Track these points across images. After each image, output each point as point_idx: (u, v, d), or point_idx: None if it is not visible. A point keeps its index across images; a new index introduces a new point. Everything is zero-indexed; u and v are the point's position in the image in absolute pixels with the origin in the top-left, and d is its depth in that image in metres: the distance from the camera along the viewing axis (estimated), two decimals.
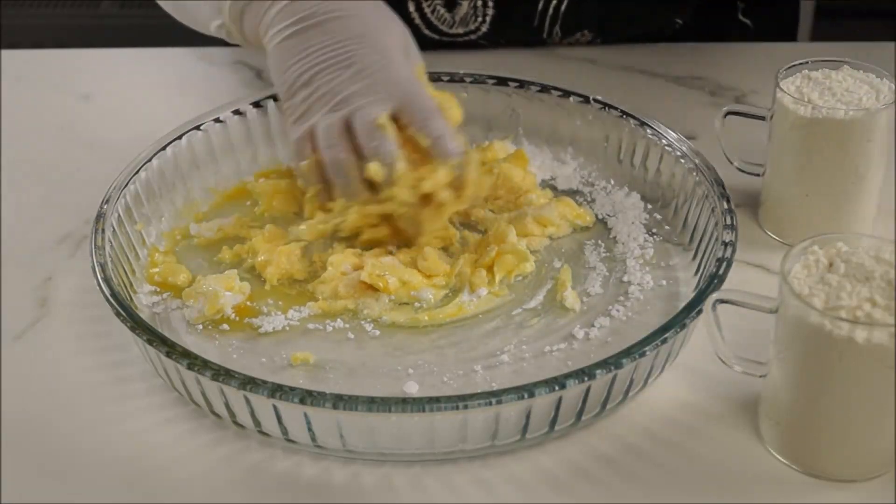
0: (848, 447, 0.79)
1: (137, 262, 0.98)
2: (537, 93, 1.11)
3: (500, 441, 0.82)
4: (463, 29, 1.26)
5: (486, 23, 1.26)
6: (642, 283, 0.96)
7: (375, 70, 0.97)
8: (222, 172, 1.08)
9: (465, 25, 1.26)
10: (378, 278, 0.94)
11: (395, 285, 0.95)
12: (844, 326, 0.74)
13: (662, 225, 1.03)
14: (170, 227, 1.03)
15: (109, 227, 0.94)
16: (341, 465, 0.82)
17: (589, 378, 0.80)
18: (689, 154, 1.01)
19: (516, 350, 0.91)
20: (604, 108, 1.08)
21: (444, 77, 1.11)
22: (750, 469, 0.82)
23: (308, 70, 0.97)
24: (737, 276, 0.90)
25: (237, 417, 0.83)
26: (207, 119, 1.07)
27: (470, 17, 1.25)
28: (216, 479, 0.82)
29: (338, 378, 0.88)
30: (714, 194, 0.97)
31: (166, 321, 0.93)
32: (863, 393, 0.77)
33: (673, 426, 0.85)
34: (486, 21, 1.26)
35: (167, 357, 0.82)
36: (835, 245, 0.79)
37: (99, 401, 0.87)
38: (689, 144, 1.02)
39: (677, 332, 0.84)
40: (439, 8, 1.23)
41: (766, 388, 0.82)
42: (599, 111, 1.08)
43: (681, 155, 1.02)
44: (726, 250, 0.90)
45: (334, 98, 0.96)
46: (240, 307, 0.94)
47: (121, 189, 0.98)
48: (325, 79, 0.96)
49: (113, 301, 0.87)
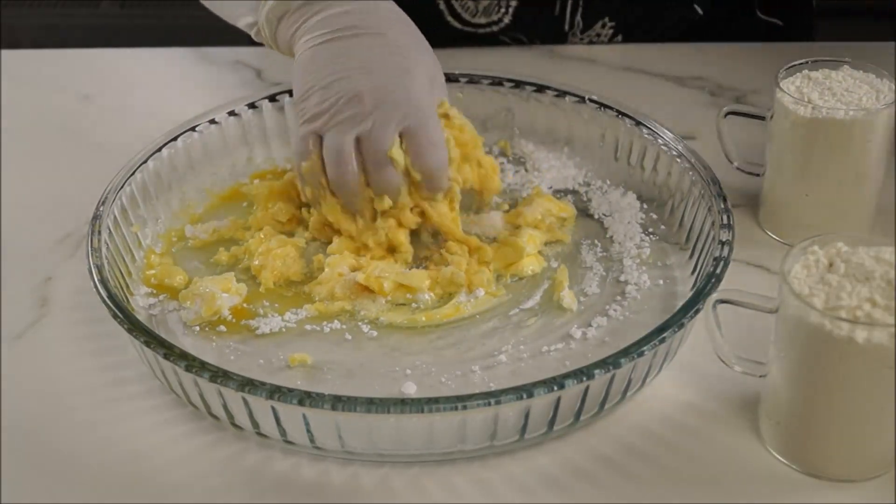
0: (848, 447, 0.79)
1: (134, 264, 0.97)
2: (533, 92, 1.11)
3: (498, 441, 0.81)
4: (485, 19, 1.26)
5: (509, 13, 1.26)
6: (639, 282, 0.96)
7: (394, 88, 0.95)
8: (218, 174, 1.08)
9: (488, 16, 1.26)
10: (375, 280, 0.94)
11: (392, 287, 0.95)
12: (844, 326, 0.74)
13: (659, 224, 1.03)
14: (166, 228, 1.02)
15: (105, 229, 0.94)
16: (340, 467, 0.82)
17: (587, 378, 0.80)
18: (686, 153, 1.01)
19: (514, 350, 0.91)
20: (600, 108, 1.08)
21: None
22: (749, 469, 0.82)
23: (330, 75, 0.96)
24: (736, 276, 0.91)
25: (235, 419, 0.83)
26: (203, 120, 1.07)
27: (493, 7, 1.25)
28: (214, 481, 0.82)
29: (335, 379, 0.88)
30: (710, 193, 0.97)
31: (163, 323, 0.93)
32: (863, 393, 0.77)
33: (672, 426, 0.85)
34: (508, 11, 1.26)
35: (165, 359, 0.82)
36: (835, 245, 0.79)
37: (98, 402, 0.87)
38: (685, 144, 1.02)
39: (675, 331, 0.83)
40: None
41: (765, 388, 0.82)
42: (595, 110, 1.08)
43: (677, 154, 1.02)
44: (723, 249, 0.90)
45: (348, 110, 0.95)
46: (236, 309, 0.94)
47: (116, 191, 0.98)
48: (346, 87, 0.96)
49: (110, 303, 0.86)
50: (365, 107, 0.94)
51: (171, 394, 0.86)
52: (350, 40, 0.97)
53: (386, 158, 0.94)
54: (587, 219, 1.04)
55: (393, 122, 0.94)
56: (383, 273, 0.95)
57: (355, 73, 0.95)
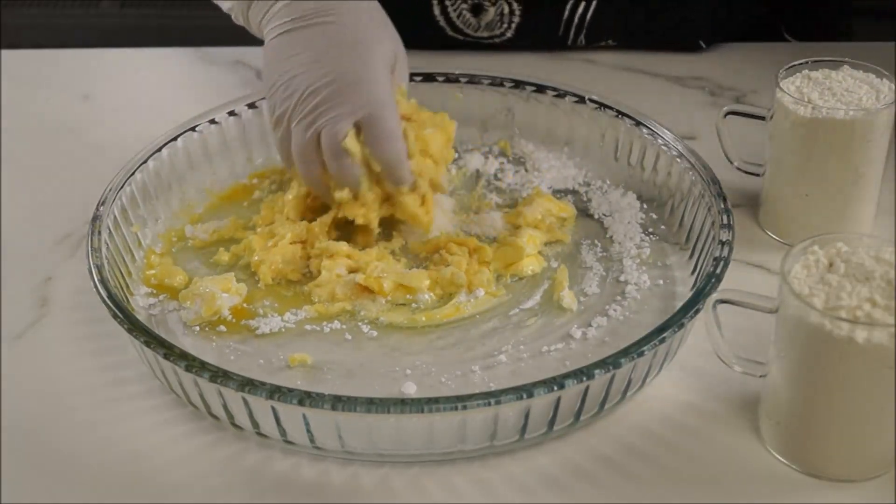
0: (848, 447, 0.79)
1: (134, 264, 0.97)
2: (533, 92, 1.11)
3: (498, 441, 0.81)
4: (488, 33, 1.26)
5: (512, 28, 1.26)
6: (639, 282, 0.96)
7: (349, 82, 0.96)
8: (218, 174, 1.08)
9: (491, 30, 1.26)
10: (375, 280, 0.94)
11: (392, 287, 0.95)
12: (844, 326, 0.74)
13: (659, 224, 1.03)
14: (166, 228, 1.03)
15: (106, 229, 0.94)
16: (340, 467, 0.82)
17: (587, 378, 0.80)
18: (686, 153, 1.01)
19: (514, 350, 0.91)
20: (600, 108, 1.08)
21: (438, 77, 1.11)
22: (749, 469, 0.82)
23: (289, 71, 0.97)
24: (736, 276, 0.91)
25: (235, 419, 0.83)
26: (202, 120, 1.07)
27: (496, 23, 1.25)
28: (214, 481, 0.82)
29: (336, 379, 0.88)
30: (710, 193, 0.97)
31: (163, 323, 0.93)
32: (863, 393, 0.77)
33: (672, 426, 0.85)
34: (511, 27, 1.26)
35: (165, 359, 0.82)
36: (835, 245, 0.79)
37: (98, 402, 0.87)
38: (685, 144, 1.02)
39: (675, 331, 0.83)
40: (465, 13, 1.23)
41: (765, 388, 0.82)
42: (595, 110, 1.08)
43: (677, 154, 1.02)
44: (723, 249, 0.90)
45: (306, 104, 0.96)
46: (236, 309, 0.94)
47: (116, 191, 0.98)
48: (302, 83, 0.96)
49: (110, 303, 0.87)
50: (321, 100, 0.95)
51: (171, 394, 0.86)
52: (308, 30, 0.98)
53: (341, 150, 0.95)
54: (587, 219, 1.04)
55: (344, 117, 0.95)
56: (383, 273, 0.95)
57: (311, 67, 0.96)
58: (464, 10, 1.23)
